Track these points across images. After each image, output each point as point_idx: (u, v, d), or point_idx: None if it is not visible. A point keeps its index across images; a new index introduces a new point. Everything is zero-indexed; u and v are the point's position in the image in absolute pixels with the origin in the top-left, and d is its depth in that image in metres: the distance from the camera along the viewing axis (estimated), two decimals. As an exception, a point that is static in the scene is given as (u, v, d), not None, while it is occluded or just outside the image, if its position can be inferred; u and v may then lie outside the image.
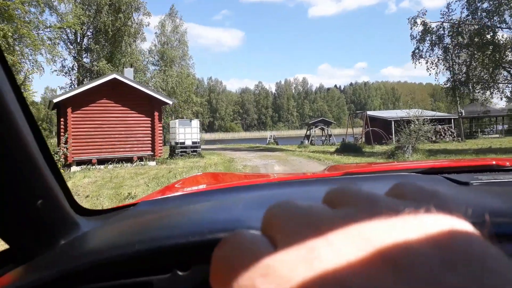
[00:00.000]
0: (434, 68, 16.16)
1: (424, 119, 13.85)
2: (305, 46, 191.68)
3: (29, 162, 0.49)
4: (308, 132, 29.79)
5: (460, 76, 15.48)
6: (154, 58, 39.88)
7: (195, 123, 13.71)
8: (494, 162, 0.99)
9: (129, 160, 11.58)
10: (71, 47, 25.02)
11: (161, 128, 12.14)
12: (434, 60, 16.08)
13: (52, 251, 0.54)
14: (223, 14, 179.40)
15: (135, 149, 11.75)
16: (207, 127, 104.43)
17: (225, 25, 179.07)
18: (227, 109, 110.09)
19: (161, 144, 12.17)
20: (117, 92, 11.47)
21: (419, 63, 16.75)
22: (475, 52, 13.97)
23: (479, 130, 28.49)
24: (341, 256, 0.13)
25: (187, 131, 13.27)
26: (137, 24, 24.75)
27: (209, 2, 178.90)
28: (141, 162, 11.55)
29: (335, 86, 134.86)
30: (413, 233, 0.14)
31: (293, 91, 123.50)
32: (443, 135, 24.54)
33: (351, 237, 0.14)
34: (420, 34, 15.87)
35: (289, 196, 0.72)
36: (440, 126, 25.09)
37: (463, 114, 24.59)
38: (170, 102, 12.42)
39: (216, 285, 0.15)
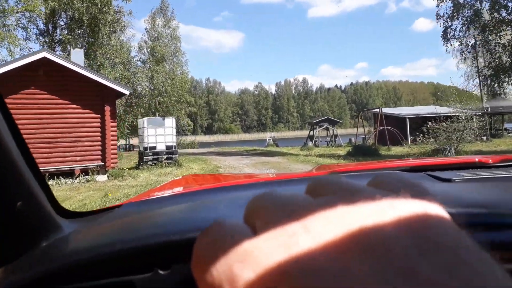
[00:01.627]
0: (470, 51, 12.95)
1: (471, 114, 10.79)
2: (305, 47, 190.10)
3: (9, 163, 0.49)
4: (312, 132, 26.74)
5: (504, 60, 12.24)
6: (144, 55, 37.04)
7: (170, 121, 10.55)
8: (477, 160, 1.02)
9: (70, 174, 8.47)
10: (43, 39, 22.01)
11: (114, 128, 9.12)
12: (469, 41, 12.79)
13: (33, 252, 0.54)
14: (223, 15, 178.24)
15: (78, 158, 8.56)
16: (205, 129, 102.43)
17: (225, 27, 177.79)
18: (226, 111, 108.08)
19: (115, 151, 9.18)
20: (52, 79, 8.32)
21: (451, 45, 13.60)
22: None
23: (503, 128, 25.32)
24: (319, 242, 0.13)
25: (160, 132, 10.21)
26: (116, 11, 21.65)
27: (209, 4, 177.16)
28: (86, 177, 8.50)
29: (336, 86, 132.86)
30: (390, 220, 0.14)
31: (293, 92, 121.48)
32: (465, 134, 21.41)
33: (329, 223, 0.14)
34: (451, 10, 12.63)
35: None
36: (461, 124, 21.96)
37: (489, 110, 21.54)
38: (127, 92, 9.21)
39: (198, 273, 0.15)
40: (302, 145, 23.35)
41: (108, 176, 8.76)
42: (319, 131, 26.66)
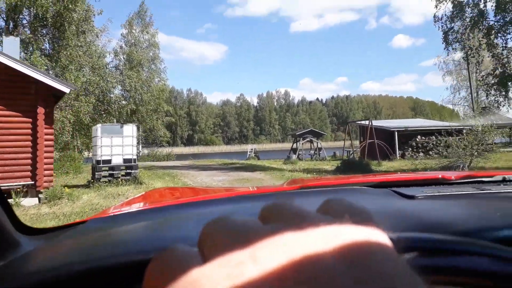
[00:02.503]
0: (473, 56, 11.76)
1: (488, 126, 9.54)
2: (288, 60, 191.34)
3: None
4: (295, 144, 25.30)
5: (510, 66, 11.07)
6: (120, 61, 35.07)
7: (129, 129, 8.68)
8: (440, 176, 1.04)
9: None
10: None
11: (51, 137, 7.16)
12: (473, 45, 11.57)
13: None
14: (206, 27, 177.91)
15: (-1, 176, 6.68)
16: (186, 141, 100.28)
17: (208, 39, 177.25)
18: (208, 122, 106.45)
19: (50, 165, 7.17)
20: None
21: (453, 49, 12.41)
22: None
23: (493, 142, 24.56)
24: (264, 270, 0.13)
25: (116, 143, 8.32)
26: (84, 10, 19.76)
27: (192, 16, 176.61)
28: (10, 200, 6.17)
29: (317, 99, 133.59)
30: (332, 248, 0.14)
31: (275, 104, 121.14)
32: (457, 149, 20.40)
33: (275, 251, 0.14)
34: (452, 10, 11.43)
35: (242, 210, 0.72)
36: (451, 139, 20.98)
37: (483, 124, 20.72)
38: (67, 90, 7.28)
39: None
40: (285, 158, 21.86)
41: (39, 199, 6.81)
42: (302, 144, 25.27)
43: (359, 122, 22.56)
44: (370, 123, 19.22)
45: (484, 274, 0.28)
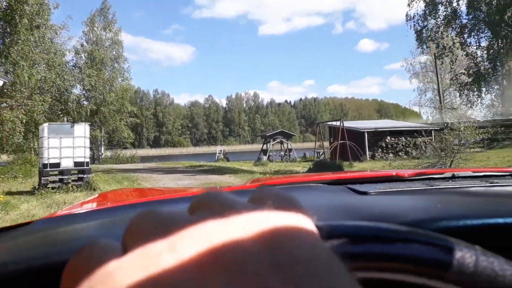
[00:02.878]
0: (447, 55, 11.64)
1: (471, 125, 9.32)
2: (256, 62, 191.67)
3: None
4: (265, 146, 24.81)
5: (483, 66, 10.98)
6: (82, 60, 33.30)
7: (81, 129, 7.61)
8: (394, 173, 1.07)
9: None
10: None
11: None
12: (447, 43, 11.43)
13: None
14: (173, 28, 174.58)
15: None
16: (152, 142, 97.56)
17: (175, 40, 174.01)
18: (175, 123, 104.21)
19: None
20: None
21: (427, 47, 12.27)
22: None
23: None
24: (182, 259, 0.13)
25: (66, 144, 7.31)
26: (38, 3, 18.24)
27: (159, 17, 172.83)
28: None
29: (286, 101, 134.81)
30: (252, 235, 0.15)
31: (245, 106, 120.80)
32: (424, 149, 20.67)
33: (195, 240, 0.14)
34: (424, 10, 11.23)
35: None
36: (420, 139, 21.25)
37: (449, 123, 21.08)
38: None
39: None
40: (255, 160, 21.30)
41: None
42: (272, 145, 24.81)
43: (330, 123, 22.38)
44: (342, 124, 19.03)
45: (413, 260, 0.30)
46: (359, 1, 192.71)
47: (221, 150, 31.14)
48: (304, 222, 0.16)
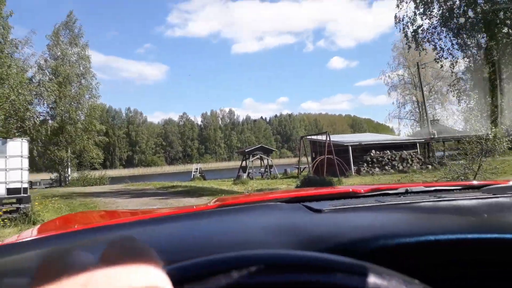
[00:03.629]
0: (446, 58, 10.84)
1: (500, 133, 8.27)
2: (230, 80, 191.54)
3: None
4: (244, 162, 23.44)
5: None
6: (45, 76, 31.09)
7: (17, 146, 5.83)
8: (351, 190, 1.06)
9: None
10: None
11: None
12: (445, 45, 10.64)
13: None
14: (146, 48, 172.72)
15: None
16: (125, 162, 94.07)
17: (148, 59, 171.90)
18: (149, 142, 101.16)
19: None
20: None
21: (424, 49, 11.44)
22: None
23: (444, 155, 24.73)
24: None
25: (-3, 166, 5.68)
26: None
27: (131, 36, 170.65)
28: None
29: (261, 117, 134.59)
30: None
31: (220, 123, 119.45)
32: (411, 162, 19.95)
33: None
34: (414, 11, 10.46)
35: (147, 234, 0.69)
36: (406, 152, 20.51)
37: (435, 135, 20.44)
38: None
39: None
40: (235, 178, 19.86)
41: None
42: (252, 161, 23.48)
43: (315, 137, 21.28)
44: (328, 138, 18.00)
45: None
46: (329, 21, 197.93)
47: (197, 168, 29.51)
48: (154, 275, 0.15)
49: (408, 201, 0.86)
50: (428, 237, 0.53)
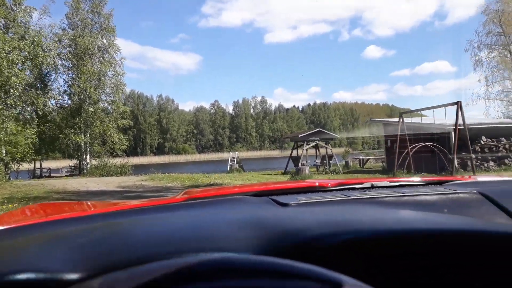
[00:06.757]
0: None
1: None
2: (262, 70, 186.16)
3: None
4: (296, 151, 18.27)
5: None
6: (65, 49, 27.14)
7: None
8: (317, 184, 1.07)
9: None
10: None
11: None
12: None
13: None
14: (180, 38, 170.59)
15: None
16: (156, 149, 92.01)
17: (182, 49, 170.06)
18: (180, 130, 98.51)
19: None
20: None
21: None
22: None
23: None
24: None
25: None
26: None
27: (166, 26, 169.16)
28: None
29: (294, 106, 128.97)
30: None
31: (252, 111, 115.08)
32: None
33: None
34: None
35: (110, 228, 0.66)
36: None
37: None
38: None
39: None
40: (290, 169, 14.78)
41: None
42: (306, 150, 18.25)
43: (396, 119, 15.49)
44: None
45: None
46: (366, 9, 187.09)
47: (234, 158, 24.68)
48: None
49: (373, 196, 0.86)
50: (389, 230, 0.56)
